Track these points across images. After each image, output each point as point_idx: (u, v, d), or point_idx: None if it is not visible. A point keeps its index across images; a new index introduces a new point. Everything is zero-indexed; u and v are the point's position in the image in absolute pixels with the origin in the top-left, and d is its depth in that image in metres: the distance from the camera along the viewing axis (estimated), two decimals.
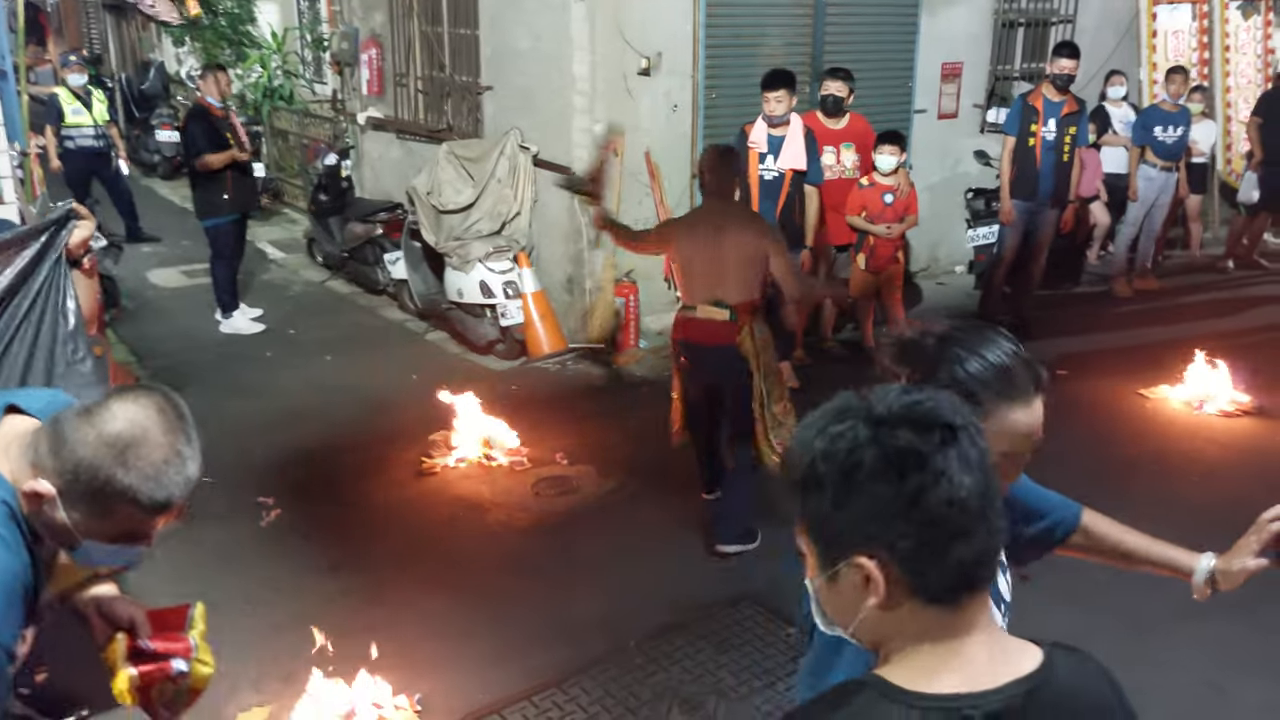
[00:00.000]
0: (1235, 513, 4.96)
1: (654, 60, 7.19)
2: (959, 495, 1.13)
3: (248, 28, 12.97)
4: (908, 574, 1.15)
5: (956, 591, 1.17)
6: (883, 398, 1.20)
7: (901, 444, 1.15)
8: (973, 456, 1.16)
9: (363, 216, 8.65)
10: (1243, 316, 8.28)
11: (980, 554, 1.16)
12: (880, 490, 1.14)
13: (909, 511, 1.13)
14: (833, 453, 1.17)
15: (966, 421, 1.18)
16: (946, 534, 1.14)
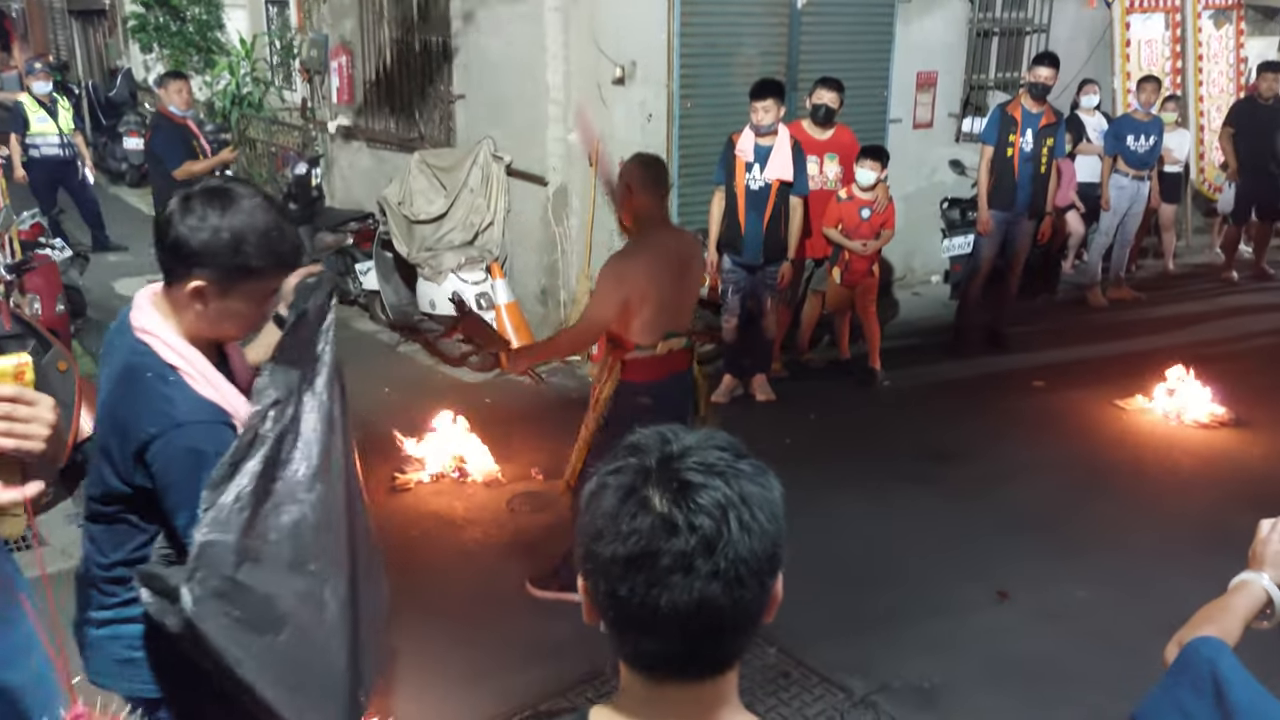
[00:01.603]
0: (1212, 525, 4.97)
1: (629, 69, 7.13)
2: (650, 595, 1.05)
3: (216, 34, 12.81)
4: (605, 624, 1.12)
5: (651, 670, 1.12)
6: (699, 458, 1.11)
7: (627, 509, 1.08)
8: (697, 566, 1.05)
9: (333, 226, 8.52)
10: (1219, 327, 8.31)
11: (673, 654, 1.09)
12: (593, 531, 1.10)
13: (604, 572, 1.08)
14: (589, 487, 1.14)
15: (721, 530, 1.07)
16: (628, 619, 1.08)
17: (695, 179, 7.48)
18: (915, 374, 7.23)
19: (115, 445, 2.02)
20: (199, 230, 1.97)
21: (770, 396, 6.64)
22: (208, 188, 2.03)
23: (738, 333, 6.56)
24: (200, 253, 1.99)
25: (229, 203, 2.00)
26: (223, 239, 1.98)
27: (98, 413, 2.12)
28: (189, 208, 1.98)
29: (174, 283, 2.04)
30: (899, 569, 4.72)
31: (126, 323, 2.09)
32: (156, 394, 1.99)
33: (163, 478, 1.98)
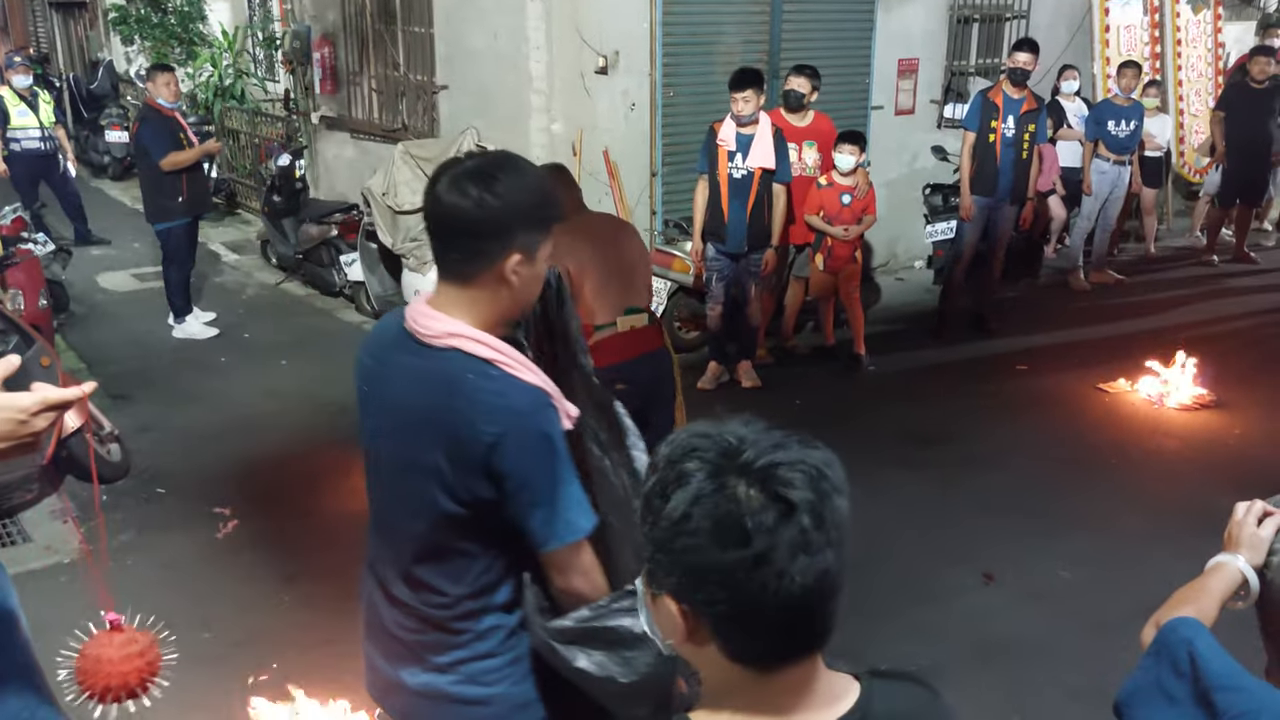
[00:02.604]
0: (1194, 506, 5.02)
1: (611, 59, 7.14)
2: (777, 584, 1.04)
3: (198, 26, 12.74)
4: (714, 633, 1.10)
5: (765, 661, 1.11)
6: (755, 441, 1.11)
7: (732, 512, 1.05)
8: (812, 541, 1.06)
9: (317, 218, 8.52)
10: (1200, 310, 8.38)
11: (795, 634, 1.09)
12: (701, 551, 1.06)
13: (723, 582, 1.05)
14: (668, 493, 1.09)
15: (819, 497, 1.08)
16: (755, 614, 1.06)
17: (678, 167, 7.51)
18: (900, 359, 7.27)
19: (445, 464, 1.87)
20: (503, 198, 1.84)
21: (755, 383, 6.67)
22: (469, 166, 1.87)
23: (722, 320, 6.59)
24: (514, 221, 1.86)
25: (503, 165, 1.89)
26: (528, 198, 1.87)
27: (385, 443, 1.98)
28: (471, 186, 1.83)
29: (485, 268, 1.87)
30: (885, 552, 4.76)
31: (402, 336, 1.92)
32: (486, 392, 1.84)
33: (516, 476, 1.85)
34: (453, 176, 1.85)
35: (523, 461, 1.84)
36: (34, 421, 1.48)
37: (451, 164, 1.89)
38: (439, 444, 1.86)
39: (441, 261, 1.92)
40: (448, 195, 1.84)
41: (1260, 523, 1.80)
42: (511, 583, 2.01)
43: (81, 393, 1.52)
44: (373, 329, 2.09)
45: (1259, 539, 1.78)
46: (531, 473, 1.85)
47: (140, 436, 5.82)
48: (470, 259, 1.88)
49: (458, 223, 1.85)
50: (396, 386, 1.95)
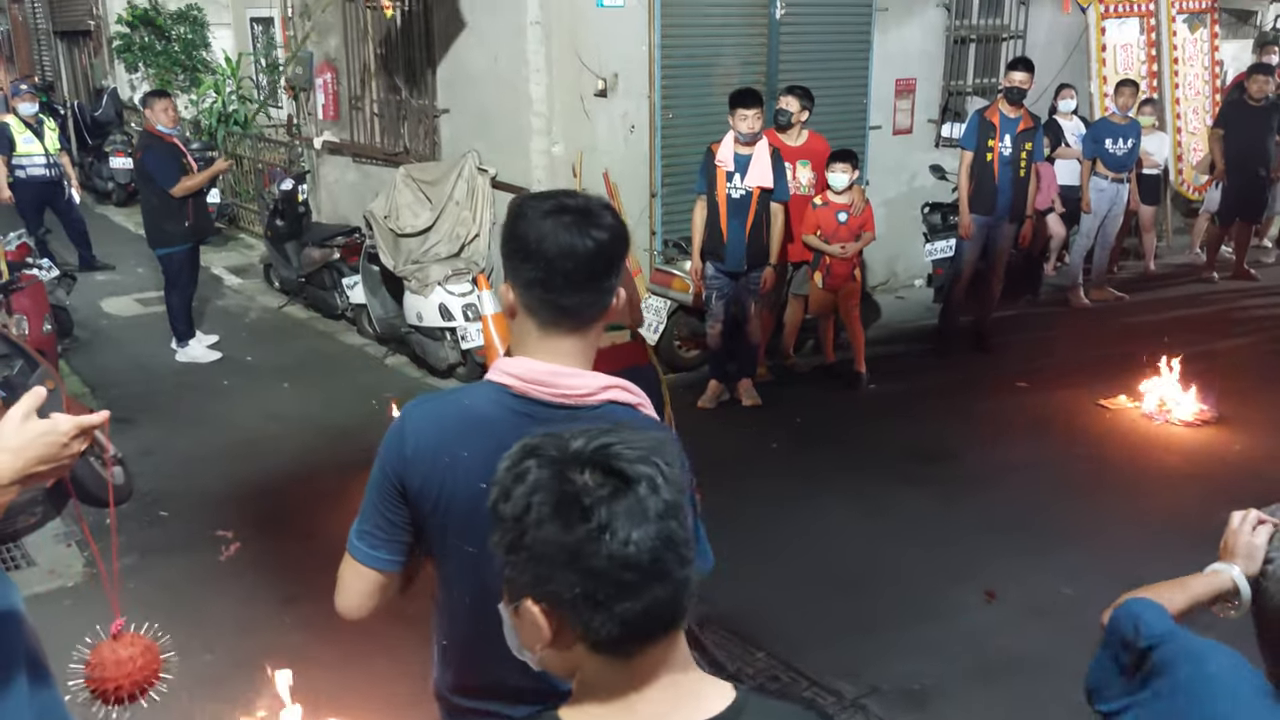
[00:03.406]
0: (1195, 522, 5.01)
1: (611, 82, 7.20)
2: (623, 551, 1.08)
3: (202, 53, 12.86)
4: (574, 623, 1.12)
5: (625, 643, 1.13)
6: (583, 434, 1.16)
7: (570, 491, 1.10)
8: (651, 507, 1.10)
9: (320, 241, 8.56)
10: (1200, 326, 8.39)
11: (649, 608, 1.11)
12: (547, 538, 1.10)
13: (572, 562, 1.09)
14: (513, 493, 1.13)
15: (657, 468, 1.12)
16: (610, 588, 1.09)
17: (677, 188, 7.55)
18: (900, 377, 7.29)
19: None
20: (608, 233, 1.74)
21: (756, 401, 6.69)
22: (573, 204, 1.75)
23: (722, 338, 6.61)
24: (620, 254, 1.78)
25: (582, 203, 1.77)
26: (621, 230, 1.78)
27: None
28: (577, 224, 1.71)
29: (606, 305, 1.78)
30: (887, 571, 4.76)
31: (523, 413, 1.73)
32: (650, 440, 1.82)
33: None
34: (573, 218, 1.71)
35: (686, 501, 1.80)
36: (73, 445, 1.55)
37: (553, 207, 1.74)
38: None
39: (570, 310, 1.74)
40: (584, 236, 1.70)
41: (1255, 530, 1.82)
42: None
43: (102, 418, 1.61)
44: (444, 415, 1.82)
45: (1254, 547, 1.80)
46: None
47: (143, 460, 5.84)
48: (599, 299, 1.77)
49: (596, 263, 1.72)
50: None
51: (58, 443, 1.53)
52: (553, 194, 1.80)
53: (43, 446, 1.52)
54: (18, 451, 1.50)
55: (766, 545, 4.90)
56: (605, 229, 1.73)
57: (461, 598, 1.87)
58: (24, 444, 1.51)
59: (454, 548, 1.81)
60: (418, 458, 1.78)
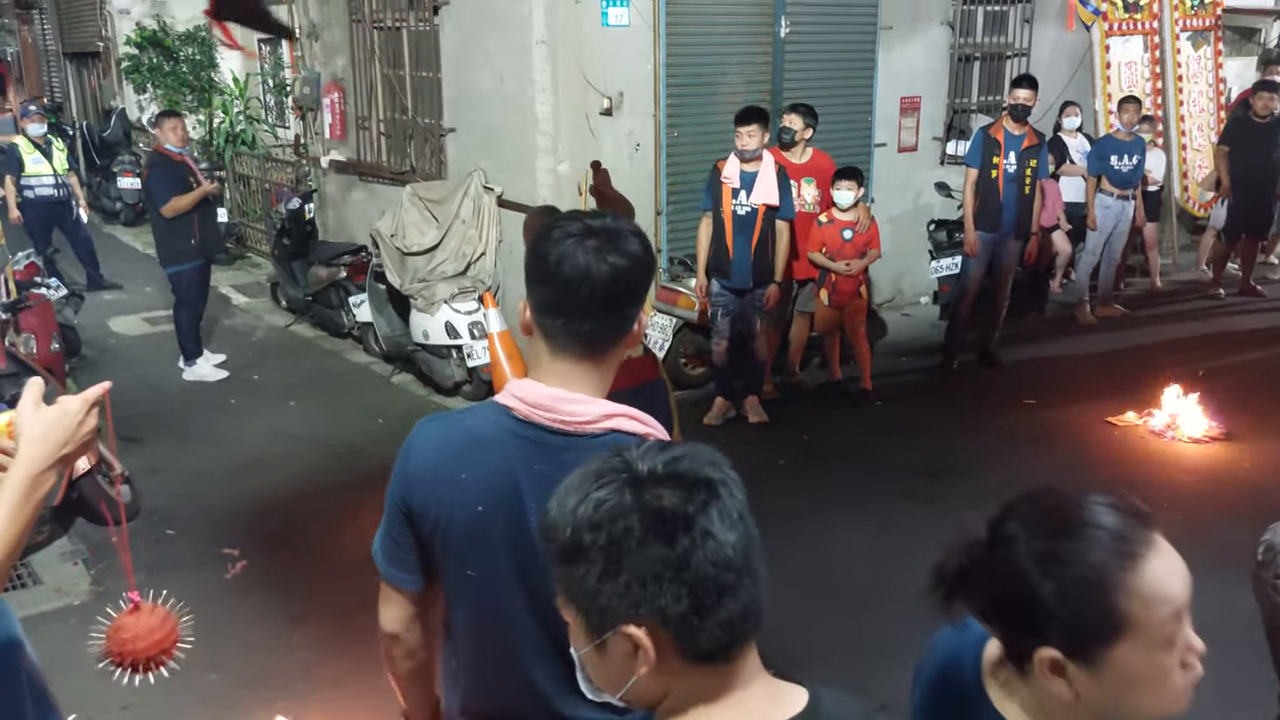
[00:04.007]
0: (1206, 539, 4.99)
1: (616, 100, 7.23)
2: (724, 554, 1.12)
3: (210, 73, 12.94)
4: (678, 637, 1.12)
5: (728, 648, 1.15)
6: (642, 456, 1.18)
7: (666, 505, 1.12)
8: (733, 510, 1.15)
9: (326, 260, 8.60)
10: (1208, 343, 8.37)
11: (747, 607, 1.14)
12: (650, 556, 1.11)
13: (679, 574, 1.10)
14: (598, 521, 1.13)
15: (725, 475, 1.17)
16: (715, 593, 1.11)
17: (683, 206, 7.58)
18: (906, 394, 7.28)
19: None
20: (628, 260, 1.68)
21: (762, 418, 6.68)
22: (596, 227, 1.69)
23: (728, 356, 6.61)
24: (642, 283, 1.72)
25: (608, 227, 1.71)
26: (644, 257, 1.72)
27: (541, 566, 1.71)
28: (598, 248, 1.66)
29: (626, 332, 1.74)
30: (894, 587, 4.73)
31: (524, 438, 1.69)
32: None
33: None
34: (596, 242, 1.66)
35: None
36: (87, 421, 1.63)
37: (577, 229, 1.68)
38: None
39: (584, 335, 1.69)
40: (601, 261, 1.65)
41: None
42: None
43: (103, 389, 1.69)
44: (446, 436, 1.79)
45: None
46: None
47: (150, 478, 5.84)
48: (615, 326, 1.72)
49: (613, 289, 1.66)
50: (550, 495, 1.67)
51: (73, 423, 1.61)
52: (583, 215, 1.74)
53: (61, 430, 1.60)
54: (42, 439, 1.58)
55: (773, 562, 4.83)
56: (625, 255, 1.67)
57: (464, 620, 1.85)
58: (44, 431, 1.58)
59: (454, 570, 1.79)
60: (420, 477, 1.76)
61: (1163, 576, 1.26)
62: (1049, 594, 1.26)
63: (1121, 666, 1.26)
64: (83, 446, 1.64)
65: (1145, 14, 10.53)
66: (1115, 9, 10.31)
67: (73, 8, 15.97)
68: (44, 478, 1.58)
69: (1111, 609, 1.24)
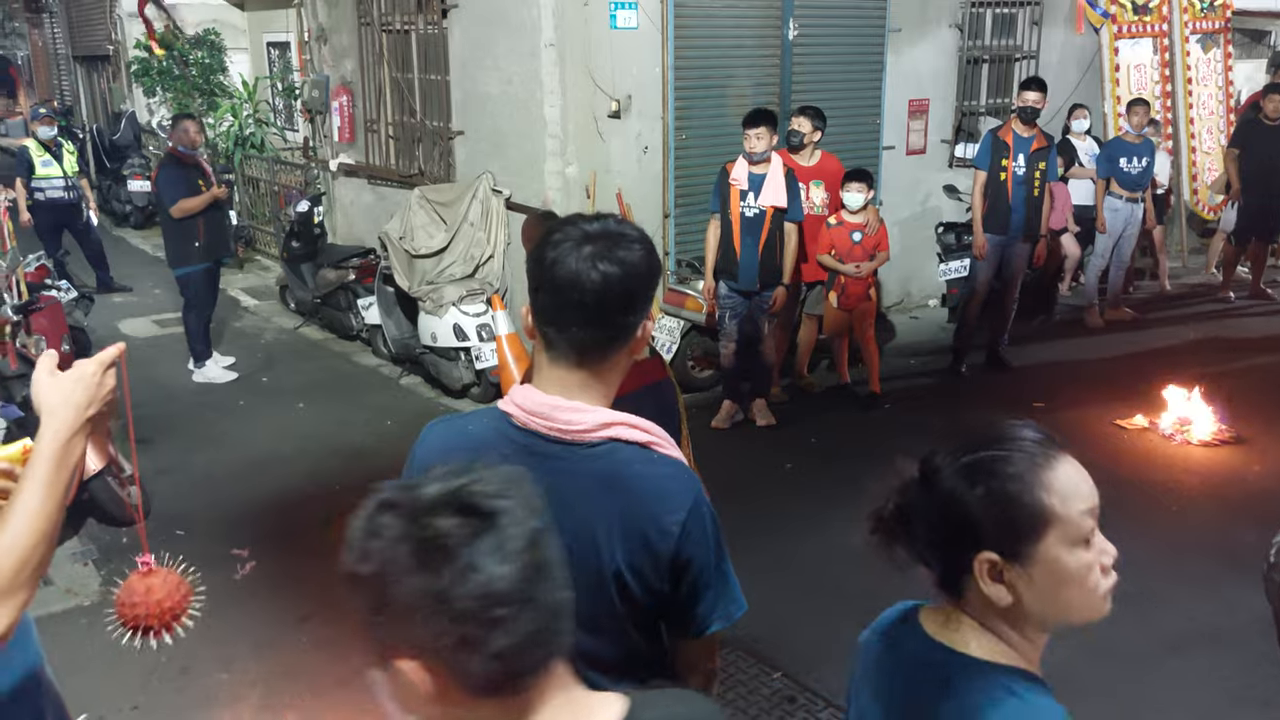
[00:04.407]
0: (1214, 542, 4.98)
1: (624, 103, 7.24)
2: (492, 587, 1.06)
3: (219, 77, 12.99)
4: (451, 671, 1.09)
5: (509, 681, 1.11)
6: (436, 479, 1.14)
7: (430, 536, 1.08)
8: (513, 538, 1.09)
9: (335, 262, 8.62)
10: (1217, 345, 8.35)
11: (527, 639, 1.09)
12: (411, 588, 1.07)
13: (439, 608, 1.06)
14: (370, 550, 1.11)
15: (514, 502, 1.11)
16: (482, 627, 1.07)
17: (691, 208, 7.58)
18: (915, 396, 7.26)
19: (627, 570, 1.67)
20: (620, 268, 1.64)
21: (770, 421, 6.68)
22: (596, 230, 1.66)
23: (736, 358, 6.61)
24: (640, 289, 1.67)
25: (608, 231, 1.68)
26: (644, 264, 1.67)
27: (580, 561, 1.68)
28: (593, 255, 1.63)
29: (629, 339, 1.70)
30: (904, 591, 4.73)
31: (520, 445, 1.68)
32: (657, 479, 1.68)
33: (698, 559, 1.70)
34: (592, 248, 1.63)
35: (704, 543, 1.70)
36: (106, 380, 1.64)
37: (576, 234, 1.65)
38: (618, 550, 1.66)
39: (577, 342, 1.66)
40: (593, 268, 1.62)
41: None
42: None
43: (118, 349, 1.68)
44: (450, 439, 1.79)
45: None
46: (709, 553, 1.71)
47: (160, 479, 5.86)
48: (611, 335, 1.68)
49: (605, 297, 1.62)
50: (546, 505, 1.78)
51: (92, 384, 1.62)
52: (587, 218, 1.70)
53: (82, 391, 1.60)
54: (63, 405, 1.58)
55: (781, 566, 4.88)
56: (619, 263, 1.62)
57: None
58: (65, 396, 1.59)
59: None
60: None
61: (1074, 476, 1.41)
62: (979, 500, 1.38)
63: (1049, 562, 1.37)
64: (107, 406, 1.64)
65: (1154, 16, 10.50)
66: (1124, 11, 10.29)
67: (83, 11, 16.04)
68: (73, 444, 1.58)
69: (1035, 504, 1.36)
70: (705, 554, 1.71)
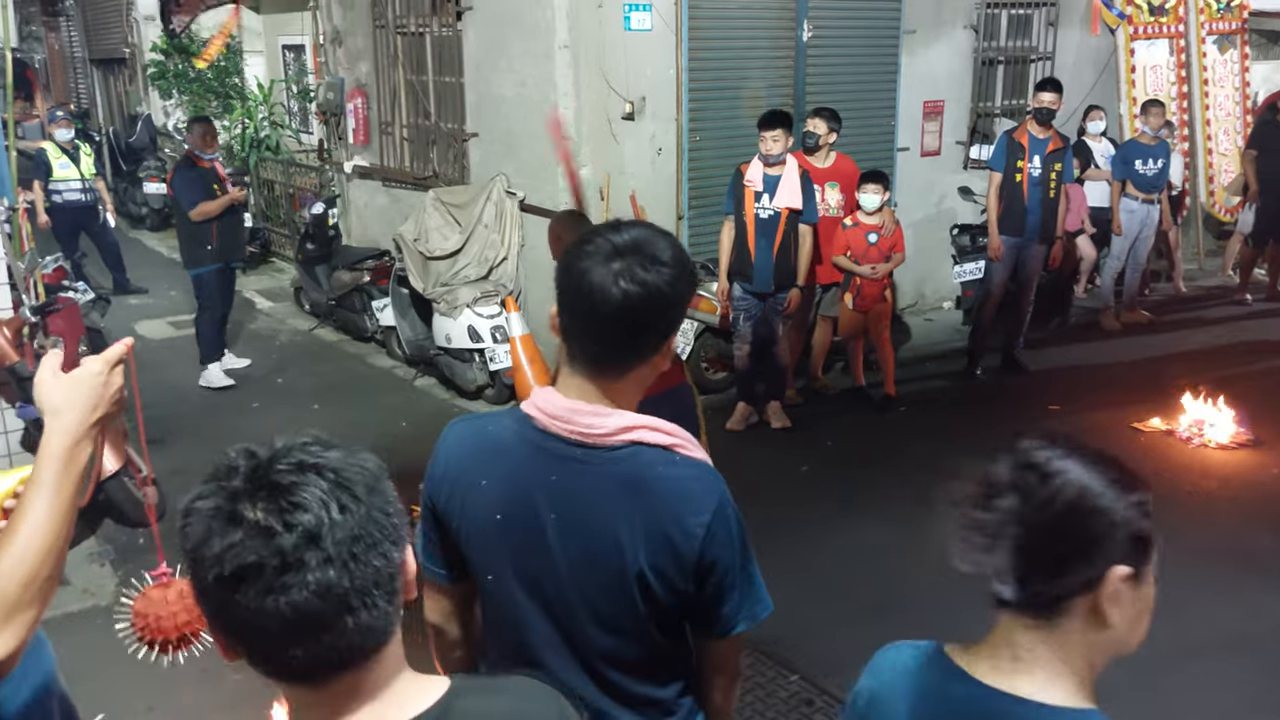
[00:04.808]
0: (1233, 546, 4.94)
1: (638, 105, 7.24)
2: (265, 605, 1.03)
3: (234, 80, 13.04)
4: (252, 662, 1.08)
5: (291, 680, 1.08)
6: (280, 459, 1.10)
7: (225, 529, 1.05)
8: (307, 558, 1.03)
9: (350, 264, 8.64)
10: (1235, 348, 8.30)
11: (310, 654, 1.05)
12: (195, 569, 1.06)
13: (216, 603, 1.05)
14: (183, 532, 1.09)
15: (324, 515, 1.05)
16: (253, 635, 1.04)
17: (705, 210, 7.57)
18: (931, 399, 7.24)
19: (650, 572, 1.66)
20: (671, 289, 1.64)
21: (785, 423, 6.66)
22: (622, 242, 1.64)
23: (750, 360, 6.60)
24: (665, 307, 1.65)
25: (655, 231, 1.68)
26: (667, 282, 1.64)
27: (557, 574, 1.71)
28: (622, 271, 1.60)
29: (653, 351, 1.69)
30: (921, 594, 4.70)
31: (543, 447, 1.69)
32: (680, 481, 1.67)
33: (723, 560, 1.69)
34: (625, 264, 1.61)
35: (729, 545, 1.69)
36: (113, 380, 1.56)
37: (605, 246, 1.63)
38: (641, 552, 1.65)
39: (592, 354, 1.67)
40: (623, 284, 1.60)
41: None
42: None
43: (125, 346, 1.62)
44: (472, 440, 1.78)
45: None
46: (734, 554, 1.71)
47: (175, 478, 5.86)
48: (634, 350, 1.67)
49: (626, 318, 1.61)
50: (567, 506, 1.68)
51: (98, 384, 1.54)
52: (622, 227, 1.68)
53: (87, 392, 1.52)
54: (69, 407, 1.50)
55: (798, 569, 4.86)
56: (641, 284, 1.60)
57: (487, 621, 1.87)
58: (70, 397, 1.51)
59: (477, 572, 1.81)
60: (445, 479, 1.78)
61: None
62: (1128, 508, 1.29)
63: (1149, 585, 1.32)
64: (113, 408, 1.56)
65: (1171, 17, 10.45)
66: (1140, 12, 10.24)
67: (99, 15, 16.13)
68: (80, 448, 1.50)
69: (1151, 527, 1.31)
70: (730, 555, 1.70)
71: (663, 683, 1.82)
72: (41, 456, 1.48)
